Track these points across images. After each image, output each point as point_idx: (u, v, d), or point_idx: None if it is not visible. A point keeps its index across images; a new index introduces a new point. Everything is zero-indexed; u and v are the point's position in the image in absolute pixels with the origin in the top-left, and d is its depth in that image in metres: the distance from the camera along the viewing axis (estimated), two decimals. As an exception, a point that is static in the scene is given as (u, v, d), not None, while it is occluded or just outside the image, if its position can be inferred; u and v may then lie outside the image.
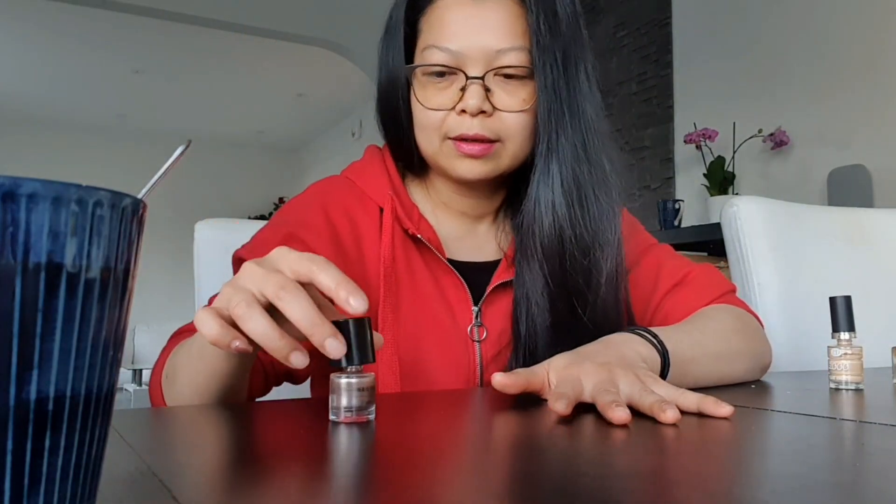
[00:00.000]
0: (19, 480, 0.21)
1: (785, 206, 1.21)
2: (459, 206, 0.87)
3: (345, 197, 0.84)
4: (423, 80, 0.79)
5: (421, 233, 0.81)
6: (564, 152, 0.78)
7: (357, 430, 0.46)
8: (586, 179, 0.79)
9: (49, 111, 6.79)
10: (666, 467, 0.37)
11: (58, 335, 0.22)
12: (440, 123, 0.78)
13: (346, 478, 0.35)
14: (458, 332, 0.80)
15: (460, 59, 0.76)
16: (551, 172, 0.78)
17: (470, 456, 0.42)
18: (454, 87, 0.77)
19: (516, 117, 0.78)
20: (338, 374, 0.49)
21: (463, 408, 0.62)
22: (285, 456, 0.40)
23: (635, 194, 3.15)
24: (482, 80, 0.76)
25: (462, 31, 0.76)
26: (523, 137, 0.79)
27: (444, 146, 0.79)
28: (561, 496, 0.30)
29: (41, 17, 4.84)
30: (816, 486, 0.31)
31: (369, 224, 0.82)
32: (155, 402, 0.69)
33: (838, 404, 0.59)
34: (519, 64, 0.76)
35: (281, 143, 7.96)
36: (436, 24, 0.78)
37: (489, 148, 0.77)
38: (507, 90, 0.77)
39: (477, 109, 0.75)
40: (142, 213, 0.25)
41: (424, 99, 0.79)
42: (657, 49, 3.06)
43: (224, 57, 5.61)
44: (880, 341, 0.96)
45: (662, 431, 0.47)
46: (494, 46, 0.76)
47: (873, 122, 2.25)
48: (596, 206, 0.79)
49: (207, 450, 0.43)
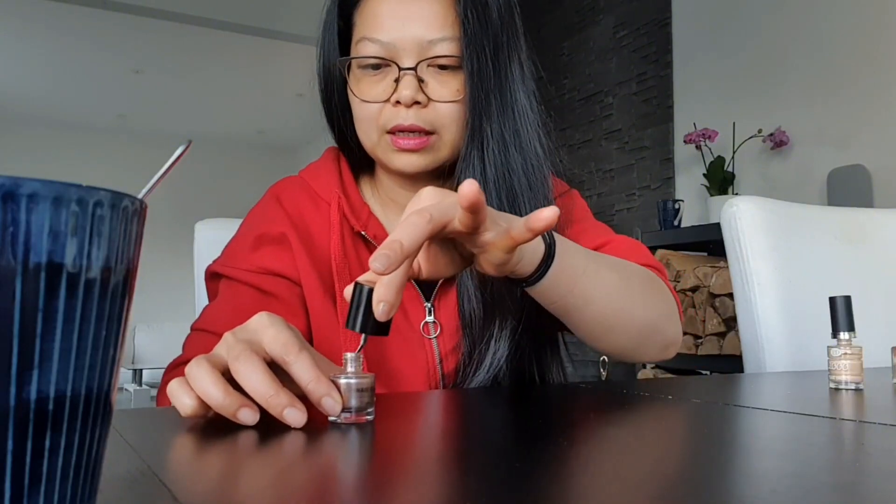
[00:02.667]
0: (19, 480, 0.21)
1: (785, 206, 1.21)
2: (405, 201, 0.86)
3: (297, 195, 0.85)
4: (358, 74, 0.79)
5: (367, 230, 0.81)
6: (490, 141, 0.77)
7: (356, 430, 0.46)
8: (518, 167, 0.78)
9: (49, 111, 6.79)
10: (665, 467, 0.37)
11: (58, 335, 0.22)
12: (376, 116, 0.78)
13: (346, 478, 0.35)
14: (412, 330, 0.80)
15: (392, 50, 0.76)
16: (473, 161, 0.77)
17: (472, 455, 0.42)
18: (388, 79, 0.78)
19: (450, 108, 0.77)
20: (337, 374, 0.49)
21: (462, 407, 0.62)
22: (286, 456, 0.40)
23: (635, 194, 3.15)
24: (415, 70, 0.76)
25: (393, 22, 0.76)
26: (459, 127, 0.78)
27: (381, 140, 0.79)
28: (557, 495, 0.30)
29: (42, 17, 4.84)
30: (816, 486, 0.31)
31: (320, 222, 0.83)
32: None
33: (838, 404, 0.59)
34: (450, 54, 0.76)
35: (281, 143, 7.95)
36: (368, 16, 0.78)
37: (425, 141, 0.77)
38: (440, 80, 0.77)
39: (410, 100, 0.76)
40: (142, 213, 0.25)
41: (360, 91, 0.79)
42: (657, 49, 3.06)
43: (224, 57, 5.61)
44: (880, 341, 0.96)
45: (661, 431, 0.47)
46: (426, 37, 0.76)
47: (873, 122, 2.25)
48: (526, 193, 0.78)
49: (207, 450, 0.43)
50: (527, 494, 0.30)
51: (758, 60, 2.63)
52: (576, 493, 0.31)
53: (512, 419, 0.56)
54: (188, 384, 0.48)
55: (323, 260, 0.80)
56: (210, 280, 0.83)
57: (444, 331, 0.81)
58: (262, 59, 5.61)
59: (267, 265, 0.79)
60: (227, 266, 0.80)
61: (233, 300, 0.77)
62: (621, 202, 3.20)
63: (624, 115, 3.22)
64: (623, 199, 3.19)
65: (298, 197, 0.85)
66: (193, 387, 0.48)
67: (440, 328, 0.81)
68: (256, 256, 0.80)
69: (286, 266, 0.79)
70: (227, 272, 0.79)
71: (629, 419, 0.56)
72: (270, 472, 0.35)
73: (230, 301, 0.78)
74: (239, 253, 0.81)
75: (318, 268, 0.80)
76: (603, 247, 0.85)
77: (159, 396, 0.71)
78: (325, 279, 0.80)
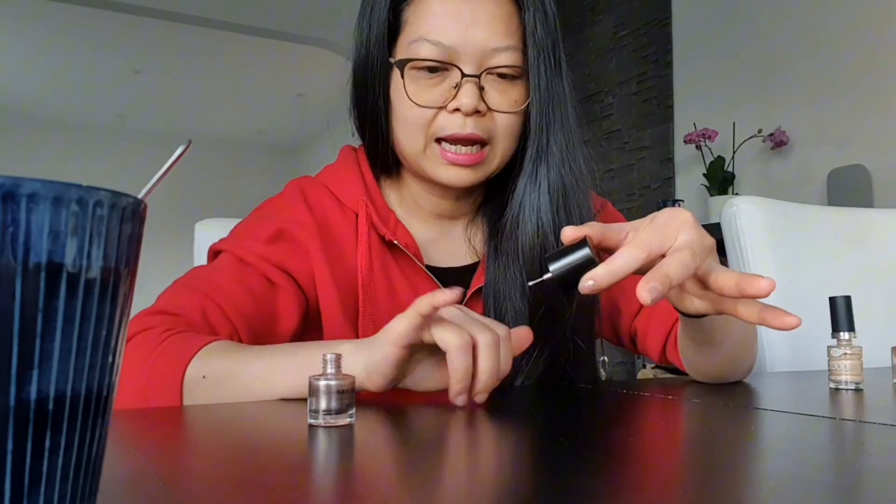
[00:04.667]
0: (20, 480, 0.21)
1: (784, 207, 1.21)
2: (435, 208, 0.84)
3: (322, 201, 0.81)
4: (412, 74, 0.75)
5: (398, 239, 0.78)
6: (553, 156, 0.76)
7: (336, 433, 0.45)
8: (572, 183, 0.77)
9: (49, 111, 6.79)
10: (664, 467, 0.37)
11: (58, 335, 0.22)
12: (428, 122, 0.75)
13: (346, 478, 0.35)
14: None
15: (454, 54, 0.73)
16: (539, 177, 0.76)
17: (453, 462, 0.42)
18: (446, 83, 0.74)
19: (508, 118, 0.75)
20: (316, 376, 0.48)
21: (457, 408, 0.62)
22: (286, 456, 0.40)
23: (635, 194, 3.15)
24: (478, 78, 0.73)
25: (455, 25, 0.73)
26: (512, 139, 0.77)
27: (429, 149, 0.76)
28: (557, 495, 0.30)
29: (42, 17, 4.84)
30: (816, 486, 0.31)
31: (346, 230, 0.80)
32: (164, 399, 0.63)
33: (838, 404, 0.59)
34: (514, 64, 0.74)
35: (281, 143, 7.95)
36: (426, 14, 0.74)
37: (481, 156, 0.75)
38: (500, 89, 0.75)
39: (472, 109, 0.73)
40: (142, 213, 0.25)
41: (414, 94, 0.74)
42: (657, 49, 3.06)
43: (224, 57, 5.61)
44: (880, 341, 0.96)
45: (661, 431, 0.47)
46: (489, 44, 0.73)
47: (873, 122, 2.25)
48: (576, 210, 0.77)
49: (207, 450, 0.43)
50: (526, 494, 0.30)
51: (758, 60, 2.63)
52: (575, 493, 0.31)
53: (511, 419, 0.56)
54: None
55: (346, 268, 0.78)
56: (212, 256, 0.80)
57: None
58: (262, 59, 5.61)
59: (282, 261, 0.76)
60: (240, 247, 0.76)
61: (244, 281, 0.74)
62: (621, 202, 3.20)
63: (624, 115, 3.22)
64: (623, 199, 3.19)
65: (325, 200, 0.81)
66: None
67: None
68: (273, 249, 0.76)
69: (299, 270, 0.77)
70: (241, 254, 0.75)
71: (629, 419, 0.56)
72: (271, 472, 0.35)
73: (241, 281, 0.74)
74: (255, 238, 0.77)
75: (338, 279, 0.77)
76: None
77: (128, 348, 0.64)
78: (345, 290, 0.77)
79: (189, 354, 0.63)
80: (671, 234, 0.53)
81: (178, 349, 0.64)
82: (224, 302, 0.72)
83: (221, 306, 0.72)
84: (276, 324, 0.76)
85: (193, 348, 0.63)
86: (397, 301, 0.78)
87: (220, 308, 0.72)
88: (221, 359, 0.63)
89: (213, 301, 0.72)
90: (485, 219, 0.85)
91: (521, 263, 0.76)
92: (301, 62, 5.59)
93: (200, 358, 0.62)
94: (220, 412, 0.56)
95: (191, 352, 0.63)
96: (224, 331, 0.71)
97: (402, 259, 0.80)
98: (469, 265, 0.83)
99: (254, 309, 0.74)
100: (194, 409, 0.59)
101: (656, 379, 0.85)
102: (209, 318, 0.71)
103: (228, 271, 0.75)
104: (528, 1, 0.74)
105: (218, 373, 0.62)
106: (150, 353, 0.63)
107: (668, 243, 0.53)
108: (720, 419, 0.52)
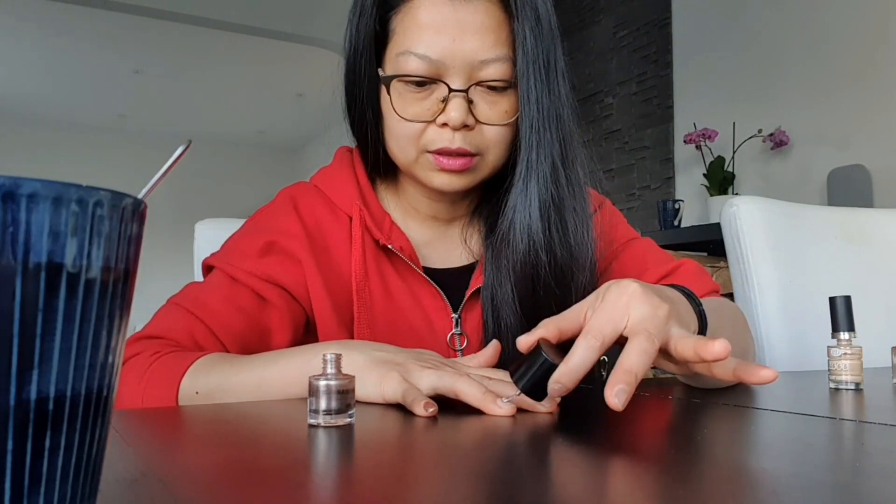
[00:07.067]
0: (19, 480, 0.21)
1: (785, 206, 1.21)
2: (431, 211, 0.84)
3: (314, 205, 0.80)
4: (399, 88, 0.73)
5: (392, 243, 0.78)
6: (544, 170, 0.74)
7: (336, 433, 0.45)
8: (565, 194, 0.75)
9: (49, 111, 6.79)
10: (664, 467, 0.37)
11: (58, 335, 0.22)
12: (417, 135, 0.74)
13: (345, 478, 0.35)
14: (437, 343, 0.78)
15: (441, 68, 0.71)
16: (529, 193, 0.74)
17: (452, 463, 0.42)
18: (433, 97, 0.73)
19: (497, 130, 0.74)
20: (316, 376, 0.48)
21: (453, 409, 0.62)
22: (286, 456, 0.40)
23: (635, 194, 3.15)
24: (466, 92, 0.71)
25: (441, 37, 0.70)
26: (504, 148, 0.76)
27: (421, 158, 0.75)
28: (556, 495, 0.30)
29: (41, 17, 4.84)
30: (816, 486, 0.31)
31: (340, 235, 0.79)
32: (160, 401, 0.64)
33: (838, 404, 0.59)
34: (503, 77, 0.72)
35: (281, 143, 7.96)
36: (412, 26, 0.72)
37: (469, 162, 0.74)
38: (489, 101, 0.73)
39: (460, 124, 0.71)
40: (142, 213, 0.25)
41: (401, 109, 0.73)
42: (657, 49, 3.06)
43: (224, 57, 5.61)
44: (880, 341, 0.96)
45: (661, 431, 0.47)
46: (478, 56, 0.71)
47: (873, 122, 2.25)
48: (573, 221, 0.76)
49: (207, 450, 0.43)
50: (525, 495, 0.30)
51: (758, 60, 2.63)
52: (575, 493, 0.31)
53: (510, 419, 0.56)
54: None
55: (338, 273, 0.77)
56: (206, 272, 0.80)
57: (470, 343, 0.79)
58: (262, 59, 5.61)
59: (273, 275, 0.76)
60: (230, 265, 0.77)
61: (233, 300, 0.75)
62: (621, 202, 3.20)
63: (624, 115, 3.22)
64: (623, 199, 3.19)
65: (316, 206, 0.80)
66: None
67: (466, 341, 0.79)
68: (263, 263, 0.76)
69: (291, 281, 0.76)
70: (231, 271, 0.76)
71: (629, 419, 0.56)
72: (271, 472, 0.35)
73: (231, 300, 0.75)
74: (245, 254, 0.77)
75: (331, 286, 0.76)
76: (671, 274, 0.83)
77: (125, 369, 0.66)
78: (337, 295, 0.77)
79: (180, 373, 0.64)
80: (622, 313, 0.52)
81: (168, 370, 0.65)
82: (213, 322, 0.73)
83: (210, 327, 0.73)
84: (269, 338, 0.76)
85: (183, 366, 0.65)
86: (394, 304, 0.78)
87: (208, 329, 0.73)
88: (210, 373, 0.64)
89: (201, 322, 0.73)
90: (481, 220, 0.85)
91: (513, 281, 0.76)
92: (301, 62, 5.59)
93: (191, 375, 0.64)
94: (220, 412, 0.56)
95: (181, 370, 0.64)
96: (213, 351, 0.72)
97: (399, 262, 0.79)
98: (466, 266, 0.83)
99: (245, 327, 0.74)
100: (194, 409, 0.59)
101: (656, 379, 0.85)
102: (197, 340, 0.72)
103: (219, 290, 0.75)
104: (519, 8, 0.72)
105: (209, 388, 0.63)
106: (140, 378, 0.65)
107: (621, 324, 0.52)
108: (720, 419, 0.52)
